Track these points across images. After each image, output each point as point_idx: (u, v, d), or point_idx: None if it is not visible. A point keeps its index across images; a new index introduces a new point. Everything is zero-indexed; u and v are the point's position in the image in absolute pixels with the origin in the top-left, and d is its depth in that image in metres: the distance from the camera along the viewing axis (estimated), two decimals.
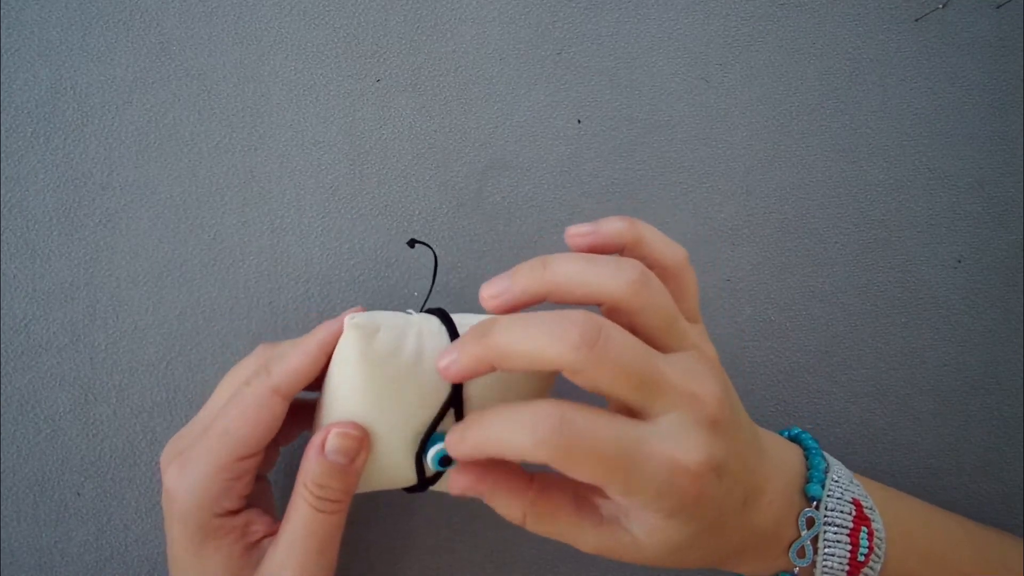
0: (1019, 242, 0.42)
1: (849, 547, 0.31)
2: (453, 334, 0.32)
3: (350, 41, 0.42)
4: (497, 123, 0.42)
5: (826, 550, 0.31)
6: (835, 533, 0.31)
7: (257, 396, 0.31)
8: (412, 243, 0.37)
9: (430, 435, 0.31)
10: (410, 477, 0.32)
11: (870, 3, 0.43)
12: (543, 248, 0.41)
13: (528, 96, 0.42)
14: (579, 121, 0.42)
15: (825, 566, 0.31)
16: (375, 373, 0.31)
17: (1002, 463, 0.41)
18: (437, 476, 0.33)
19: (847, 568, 0.31)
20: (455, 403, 0.31)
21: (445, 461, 0.31)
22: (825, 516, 0.31)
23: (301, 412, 0.34)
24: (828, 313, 0.42)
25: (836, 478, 0.32)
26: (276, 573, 0.31)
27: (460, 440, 0.29)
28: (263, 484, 0.36)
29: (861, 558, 0.31)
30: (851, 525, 0.32)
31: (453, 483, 0.30)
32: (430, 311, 0.33)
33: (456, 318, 0.33)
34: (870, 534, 0.32)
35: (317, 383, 0.33)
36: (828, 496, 0.32)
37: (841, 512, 0.32)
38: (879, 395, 0.41)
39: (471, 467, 0.30)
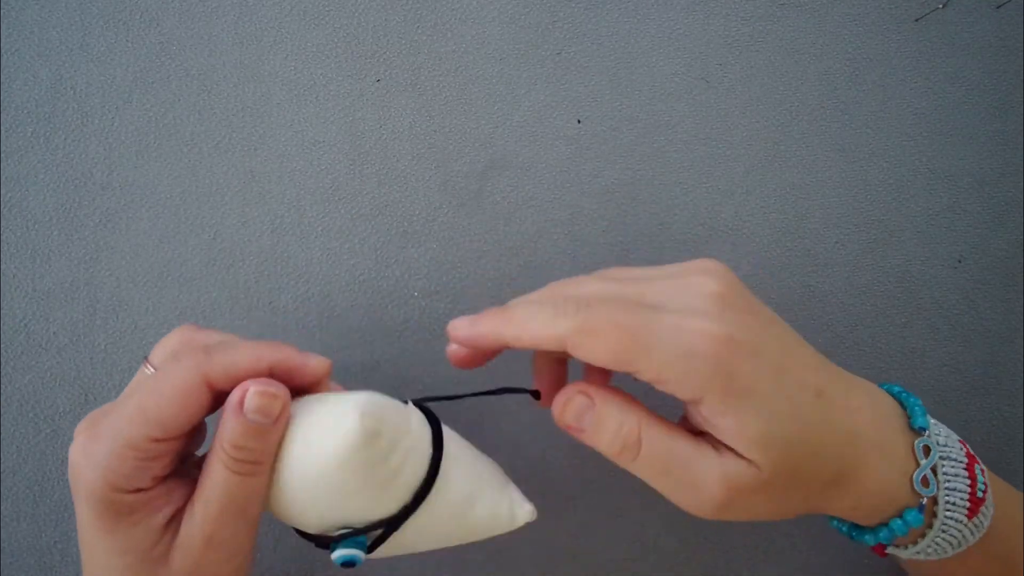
0: (1019, 242, 0.42)
1: (968, 481, 0.30)
2: (437, 447, 0.30)
3: (350, 41, 0.42)
4: (497, 123, 0.42)
5: (947, 484, 0.30)
6: (953, 466, 0.30)
7: (186, 379, 0.28)
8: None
9: (353, 535, 0.30)
10: (301, 524, 0.30)
11: (870, 3, 0.43)
12: (543, 248, 0.41)
13: (528, 96, 0.42)
14: (579, 121, 0.42)
15: (947, 500, 0.29)
16: (353, 471, 0.28)
17: (1002, 463, 0.41)
18: (326, 545, 0.30)
19: (968, 504, 0.30)
20: (392, 525, 0.30)
21: (348, 564, 0.29)
22: (940, 450, 0.30)
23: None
24: (828, 313, 0.42)
25: (934, 420, 0.31)
26: (193, 538, 0.28)
27: (470, 324, 0.30)
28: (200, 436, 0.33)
29: (980, 493, 0.30)
30: (965, 460, 0.30)
31: (562, 415, 0.30)
32: (423, 409, 0.32)
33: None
34: (982, 470, 0.31)
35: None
36: (936, 433, 0.31)
37: (953, 448, 0.30)
38: None
39: (585, 386, 0.30)
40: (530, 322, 0.28)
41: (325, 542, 0.30)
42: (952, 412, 0.41)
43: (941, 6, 0.43)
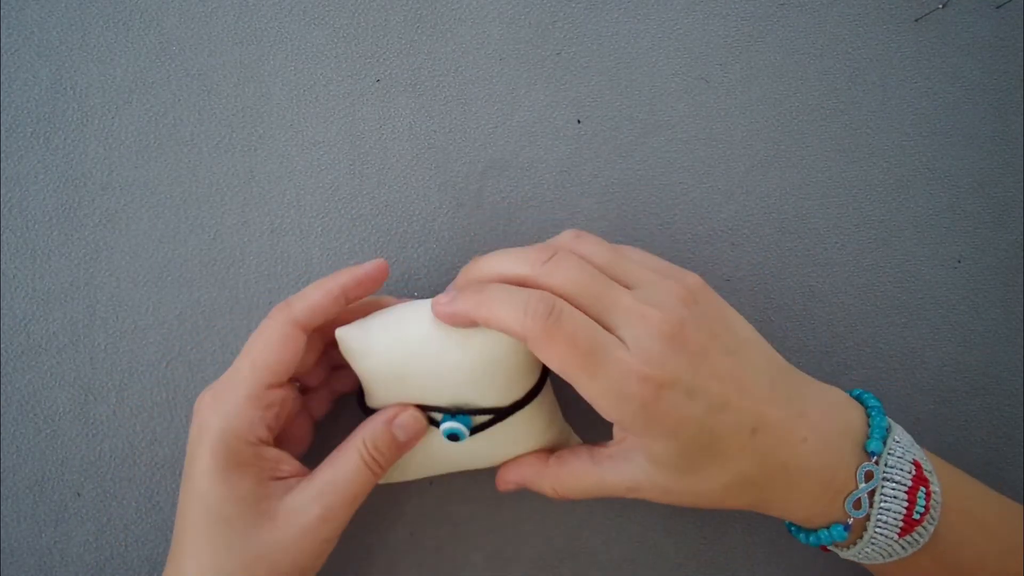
0: (1019, 242, 0.42)
1: (906, 503, 0.31)
2: (545, 369, 0.36)
3: (350, 41, 0.42)
4: (497, 123, 0.42)
5: (882, 504, 0.31)
6: (893, 489, 0.32)
7: (279, 327, 0.33)
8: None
9: (464, 412, 0.34)
10: (422, 397, 0.34)
11: (870, 3, 0.43)
12: None
13: (528, 96, 0.42)
14: (579, 121, 0.42)
15: (880, 520, 0.31)
16: (524, 355, 0.33)
17: (1002, 463, 0.41)
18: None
19: (901, 525, 0.31)
20: (503, 413, 0.34)
21: (453, 438, 0.34)
22: (885, 472, 0.32)
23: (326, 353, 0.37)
24: (828, 313, 0.42)
25: (898, 439, 0.33)
26: (305, 504, 0.32)
27: (449, 303, 0.32)
28: (308, 433, 0.38)
29: (916, 516, 0.31)
30: (910, 483, 0.32)
31: (503, 487, 0.36)
32: None
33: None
34: (927, 495, 0.32)
35: (332, 325, 0.35)
36: (889, 454, 0.32)
37: (901, 470, 0.32)
38: (879, 395, 0.41)
39: (513, 472, 0.36)
40: (501, 312, 0.31)
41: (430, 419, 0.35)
42: (952, 412, 0.41)
43: (941, 6, 0.43)
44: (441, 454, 0.36)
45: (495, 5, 0.42)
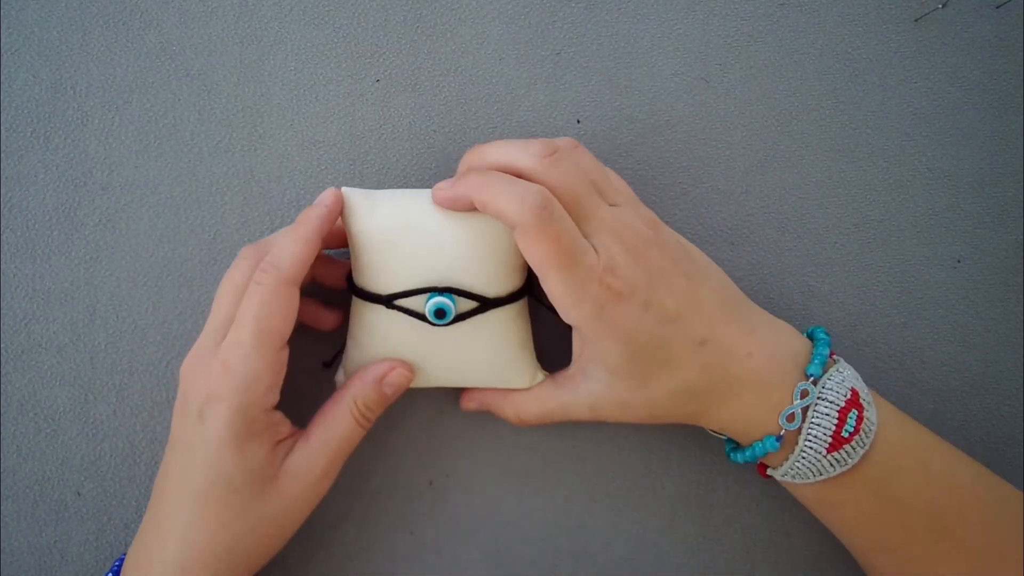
0: (1019, 242, 0.42)
1: (836, 421, 0.34)
2: (530, 279, 0.37)
3: (350, 41, 0.42)
4: (497, 123, 0.42)
5: (813, 419, 0.34)
6: (826, 407, 0.34)
7: (278, 289, 0.33)
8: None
9: (449, 291, 0.35)
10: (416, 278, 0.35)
11: (870, 3, 0.43)
12: None
13: (528, 96, 0.42)
14: (579, 121, 0.42)
15: (810, 434, 0.34)
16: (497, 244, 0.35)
17: (1002, 463, 0.41)
18: (396, 307, 0.35)
19: (830, 441, 0.34)
20: (488, 304, 0.35)
21: (439, 314, 0.35)
22: (820, 392, 0.34)
23: None
24: (828, 313, 0.42)
25: (840, 369, 0.35)
26: (307, 465, 0.34)
27: (450, 187, 0.34)
28: None
29: (845, 434, 0.34)
30: (843, 405, 0.34)
31: (466, 404, 0.38)
32: None
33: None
34: (859, 419, 0.34)
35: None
36: (828, 379, 0.35)
37: (836, 392, 0.34)
38: (879, 395, 0.41)
39: (476, 395, 0.38)
40: (499, 198, 0.32)
41: (409, 312, 0.35)
42: (952, 412, 0.41)
43: (941, 6, 0.43)
44: (422, 364, 0.37)
45: (495, 5, 0.42)
